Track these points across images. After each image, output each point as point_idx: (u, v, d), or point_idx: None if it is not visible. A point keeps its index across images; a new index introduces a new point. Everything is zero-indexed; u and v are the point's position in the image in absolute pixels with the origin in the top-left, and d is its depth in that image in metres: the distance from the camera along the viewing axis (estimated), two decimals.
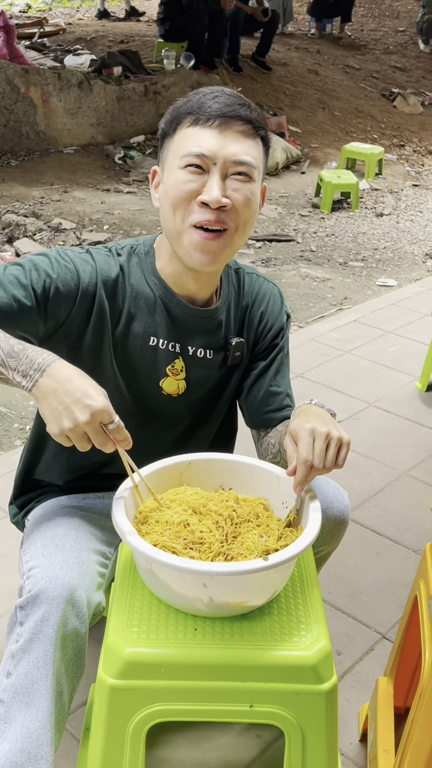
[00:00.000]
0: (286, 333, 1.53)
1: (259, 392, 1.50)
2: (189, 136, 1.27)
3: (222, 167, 1.26)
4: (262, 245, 5.20)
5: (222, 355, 1.46)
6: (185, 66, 7.51)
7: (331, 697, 1.15)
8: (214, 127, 1.26)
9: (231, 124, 1.27)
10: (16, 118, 6.35)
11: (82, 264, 1.34)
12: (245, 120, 1.28)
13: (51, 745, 1.19)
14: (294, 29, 10.97)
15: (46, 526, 1.38)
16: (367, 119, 8.56)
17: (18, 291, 1.25)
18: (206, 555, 1.16)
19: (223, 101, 1.27)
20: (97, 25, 10.25)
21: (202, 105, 1.27)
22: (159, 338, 1.40)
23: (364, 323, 3.94)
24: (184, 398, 1.45)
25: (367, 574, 2.15)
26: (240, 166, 1.27)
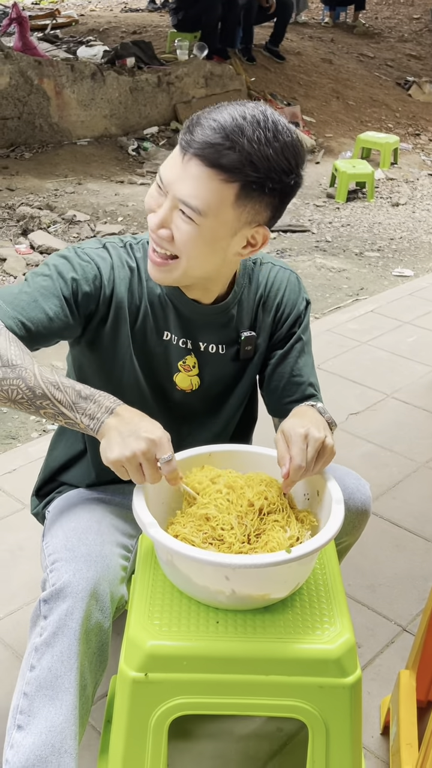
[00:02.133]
0: (304, 321, 1.50)
1: (280, 382, 1.47)
2: (172, 153, 1.23)
3: (171, 200, 1.21)
4: (277, 236, 5.16)
5: (234, 349, 1.44)
6: (198, 56, 7.47)
7: (355, 690, 1.14)
8: (184, 160, 1.18)
9: (199, 162, 1.16)
10: (30, 110, 6.34)
11: (101, 261, 1.34)
12: (219, 167, 1.15)
13: (75, 738, 1.18)
14: (308, 18, 10.88)
15: (68, 518, 1.38)
16: (382, 108, 8.48)
17: (51, 304, 1.26)
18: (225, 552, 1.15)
19: (210, 135, 1.14)
20: (109, 16, 10.21)
21: (191, 127, 1.18)
22: (171, 333, 1.39)
23: (381, 314, 3.90)
24: (199, 393, 1.44)
25: (386, 566, 2.14)
26: (184, 205, 1.20)
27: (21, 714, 1.19)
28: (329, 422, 1.35)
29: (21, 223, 4.85)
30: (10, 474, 2.47)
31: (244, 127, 1.15)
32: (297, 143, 1.20)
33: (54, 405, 1.17)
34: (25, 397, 1.17)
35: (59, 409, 1.18)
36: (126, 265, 1.36)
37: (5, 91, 6.18)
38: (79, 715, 1.20)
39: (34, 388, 1.17)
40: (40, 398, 1.17)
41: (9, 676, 1.74)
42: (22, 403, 1.18)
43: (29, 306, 1.25)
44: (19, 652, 1.79)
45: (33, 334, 1.25)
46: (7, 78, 6.17)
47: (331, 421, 1.36)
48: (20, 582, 2.01)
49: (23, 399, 1.17)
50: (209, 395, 1.46)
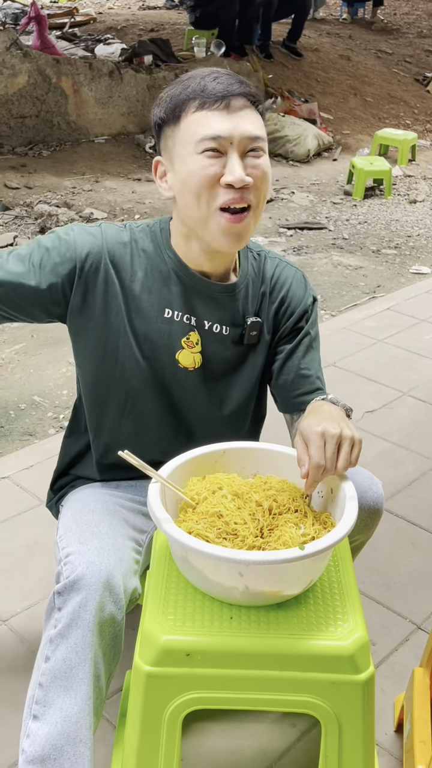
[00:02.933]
0: (311, 316, 1.51)
1: (288, 376, 1.48)
2: (198, 121, 1.27)
3: (239, 146, 1.27)
4: (294, 233, 5.16)
5: (239, 332, 1.45)
6: (216, 53, 7.47)
7: (368, 687, 1.14)
8: (222, 108, 1.27)
9: (236, 102, 1.28)
10: (48, 108, 6.37)
11: (85, 236, 1.37)
12: (248, 96, 1.29)
13: (90, 728, 1.20)
14: (325, 14, 10.84)
15: (81, 512, 1.40)
16: (400, 105, 8.44)
17: (16, 267, 1.34)
18: (239, 547, 1.15)
19: (224, 81, 1.28)
20: (127, 14, 10.23)
21: (204, 88, 1.27)
22: (174, 310, 1.40)
23: (398, 311, 3.89)
24: (201, 373, 1.44)
25: (401, 564, 2.14)
26: (254, 141, 1.28)
27: (36, 704, 1.21)
28: (345, 410, 1.36)
29: (39, 220, 4.88)
30: (28, 470, 2.49)
31: (228, 72, 1.32)
32: None
33: None
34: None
35: None
36: (120, 243, 1.39)
37: (24, 89, 6.22)
38: (93, 705, 1.21)
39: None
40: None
41: (26, 669, 1.75)
42: None
43: (19, 265, 1.34)
44: (36, 647, 1.81)
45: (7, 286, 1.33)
46: (25, 77, 6.20)
47: (347, 407, 1.37)
48: (37, 576, 2.03)
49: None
50: (210, 376, 1.45)
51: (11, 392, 3.04)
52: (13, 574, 2.05)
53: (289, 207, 5.71)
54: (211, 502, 1.22)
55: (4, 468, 2.51)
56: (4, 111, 6.19)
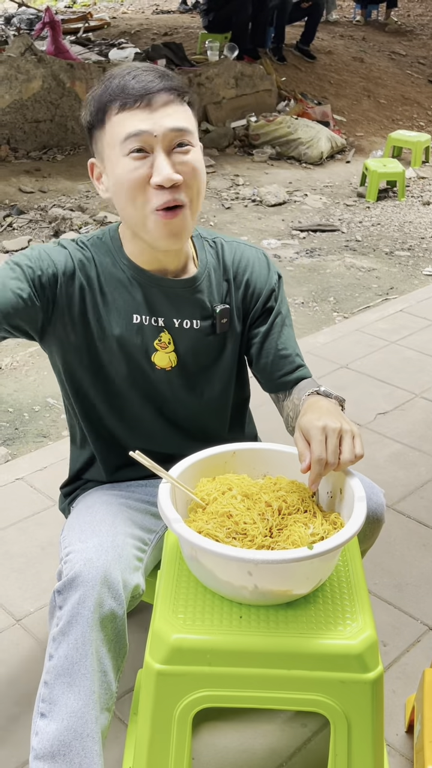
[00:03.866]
0: (279, 294, 1.52)
1: (268, 358, 1.49)
2: (121, 122, 1.27)
3: (163, 142, 1.26)
4: (307, 235, 5.17)
5: (209, 323, 1.45)
6: (229, 57, 7.49)
7: (376, 686, 1.15)
8: (144, 107, 1.26)
9: (158, 98, 1.26)
10: (62, 112, 6.41)
11: (56, 253, 1.38)
12: (169, 90, 1.28)
13: (96, 722, 1.21)
14: (339, 17, 10.84)
15: (86, 513, 1.41)
16: (414, 106, 8.42)
17: (15, 283, 1.31)
18: (248, 547, 1.17)
19: (143, 78, 1.27)
20: (141, 18, 10.28)
21: (124, 88, 1.26)
22: (141, 315, 1.41)
23: (411, 313, 3.89)
24: (178, 371, 1.45)
25: (413, 565, 2.14)
26: (180, 135, 1.27)
27: (43, 702, 1.23)
28: (338, 401, 1.37)
29: (53, 224, 4.92)
30: (41, 471, 2.51)
31: (150, 67, 1.31)
32: None
33: None
34: None
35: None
36: (82, 257, 1.40)
37: (38, 94, 6.26)
38: (100, 700, 1.22)
39: None
40: None
41: (39, 668, 1.77)
42: None
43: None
44: None
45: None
46: (39, 81, 6.25)
47: (339, 399, 1.38)
48: (50, 577, 2.05)
49: None
50: (188, 371, 1.47)
51: (25, 394, 3.07)
52: (26, 574, 2.07)
53: (302, 209, 5.71)
54: (221, 503, 1.24)
55: (18, 469, 2.53)
56: (18, 116, 6.24)
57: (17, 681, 1.74)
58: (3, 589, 2.02)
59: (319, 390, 1.38)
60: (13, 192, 5.52)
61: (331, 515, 1.25)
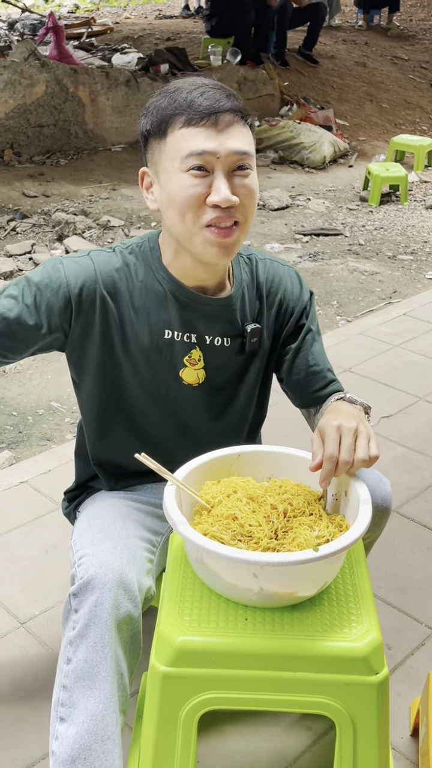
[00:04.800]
0: (310, 311, 1.53)
1: (300, 375, 1.50)
2: (185, 138, 1.24)
3: (225, 164, 1.25)
4: (310, 239, 5.17)
5: (239, 342, 1.45)
6: (232, 61, 7.51)
7: (382, 689, 1.15)
8: (210, 125, 1.24)
9: (224, 118, 1.25)
10: (65, 117, 6.43)
11: (76, 268, 1.35)
12: (236, 111, 1.27)
13: (117, 725, 1.21)
14: (341, 21, 10.87)
15: (95, 516, 1.41)
16: (416, 111, 8.44)
17: (15, 310, 1.32)
18: (254, 549, 1.17)
19: (211, 96, 1.25)
20: (144, 23, 10.31)
21: (191, 103, 1.24)
22: (174, 330, 1.40)
23: (414, 317, 3.89)
24: (205, 386, 1.46)
25: (417, 569, 2.14)
26: (241, 158, 1.26)
27: (62, 706, 1.23)
28: (363, 408, 1.38)
29: (56, 228, 4.93)
30: (45, 474, 2.52)
31: (216, 85, 1.29)
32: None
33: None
34: None
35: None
36: (113, 269, 1.37)
37: (41, 99, 6.29)
38: (119, 702, 1.23)
39: None
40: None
41: (44, 670, 1.78)
42: None
43: (5, 308, 1.32)
44: (54, 649, 1.83)
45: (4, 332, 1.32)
46: (43, 86, 6.27)
47: (365, 406, 1.39)
48: (54, 580, 2.05)
49: None
50: (214, 388, 1.47)
51: (29, 398, 3.07)
52: (30, 577, 2.07)
53: (305, 213, 5.72)
54: (226, 505, 1.24)
55: (23, 472, 2.54)
56: (22, 120, 6.26)
57: (22, 683, 1.74)
58: (7, 591, 2.02)
59: (344, 396, 1.39)
60: (16, 196, 5.53)
61: (336, 518, 1.25)
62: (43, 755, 1.57)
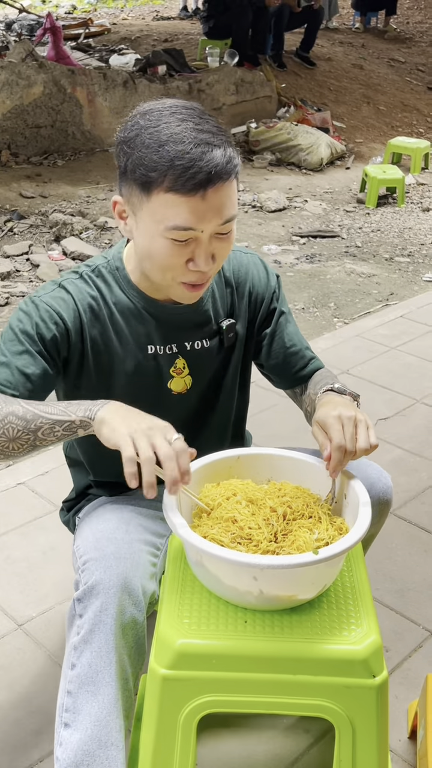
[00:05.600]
0: (280, 294, 1.54)
1: (278, 358, 1.53)
2: (169, 205, 1.18)
3: (210, 233, 1.23)
4: (307, 241, 5.18)
5: (217, 339, 1.47)
6: (229, 63, 7.52)
7: (381, 691, 1.15)
8: (197, 199, 1.18)
9: (212, 192, 1.18)
10: (63, 118, 6.43)
11: (61, 303, 1.34)
12: (225, 176, 1.19)
13: (120, 731, 1.21)
14: (338, 24, 10.88)
15: (97, 521, 1.41)
16: (413, 113, 8.46)
17: (30, 366, 1.30)
18: (253, 552, 1.17)
19: (201, 158, 1.15)
20: (141, 25, 10.31)
21: (181, 171, 1.15)
22: (156, 345, 1.41)
23: (411, 319, 3.90)
24: (192, 392, 1.48)
25: (415, 571, 2.14)
26: (227, 225, 1.23)
27: (66, 712, 1.22)
28: (353, 397, 1.40)
29: (54, 229, 4.93)
30: (43, 476, 2.51)
31: (198, 123, 1.19)
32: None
33: (47, 418, 1.21)
34: (21, 428, 1.21)
35: (53, 419, 1.21)
36: (88, 296, 1.37)
37: (39, 99, 6.28)
38: (123, 708, 1.22)
39: (25, 415, 1.21)
40: (33, 420, 1.21)
41: (42, 673, 1.77)
42: (20, 437, 1.21)
43: (7, 376, 1.28)
44: (52, 651, 1.83)
45: (23, 396, 1.29)
46: (40, 87, 6.27)
47: (354, 395, 1.41)
48: (52, 582, 2.05)
49: (19, 431, 1.21)
50: (202, 389, 1.49)
51: None
52: (28, 579, 2.07)
53: (301, 215, 5.73)
54: (226, 508, 1.24)
55: (20, 474, 2.53)
56: (19, 121, 6.25)
57: (19, 686, 1.74)
58: (4, 593, 2.01)
59: (333, 387, 1.41)
60: (14, 197, 5.53)
61: (336, 520, 1.25)
62: (40, 758, 1.57)
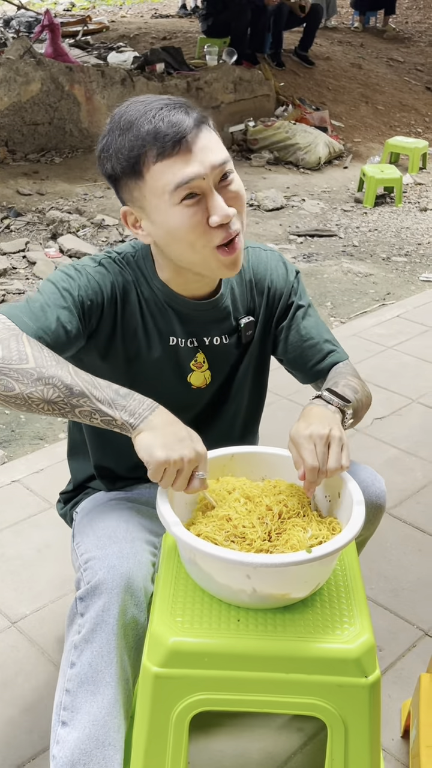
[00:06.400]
0: (299, 289, 1.53)
1: (296, 351, 1.51)
2: (164, 172, 1.21)
3: (212, 181, 1.23)
4: (304, 240, 5.18)
5: (236, 336, 1.48)
6: (228, 62, 7.51)
7: (374, 690, 1.15)
8: (183, 151, 1.21)
9: (193, 138, 1.22)
10: (60, 115, 6.42)
11: (102, 278, 1.35)
12: (199, 123, 1.24)
13: (119, 731, 1.21)
14: (337, 23, 10.88)
15: (98, 518, 1.41)
16: (411, 113, 8.46)
17: (63, 316, 1.27)
18: (246, 550, 1.17)
19: (170, 119, 1.21)
20: (140, 22, 10.30)
21: (156, 135, 1.20)
22: (177, 337, 1.42)
23: (408, 319, 3.90)
24: (212, 387, 1.48)
25: (409, 570, 2.14)
26: (223, 166, 1.24)
27: (64, 710, 1.22)
28: (339, 408, 1.34)
29: (51, 227, 4.92)
30: (38, 474, 2.51)
31: (170, 101, 1.25)
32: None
33: (91, 402, 1.17)
34: (62, 396, 1.16)
35: (97, 406, 1.17)
36: (123, 278, 1.38)
37: (36, 97, 6.27)
38: (123, 708, 1.22)
39: (72, 386, 1.16)
40: (77, 396, 1.16)
41: (36, 670, 1.77)
42: (56, 402, 1.16)
43: (44, 318, 1.26)
44: (45, 649, 1.83)
45: (51, 346, 1.25)
46: (38, 84, 6.26)
47: (341, 405, 1.35)
48: (46, 579, 2.05)
49: (59, 398, 1.16)
50: (219, 385, 1.49)
51: None
52: (22, 577, 2.06)
53: (299, 214, 5.73)
54: (222, 505, 1.24)
55: (15, 471, 2.53)
56: (17, 118, 6.24)
57: (13, 684, 1.74)
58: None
59: (322, 395, 1.36)
60: (10, 194, 5.52)
61: (329, 519, 1.25)
62: (33, 755, 1.57)
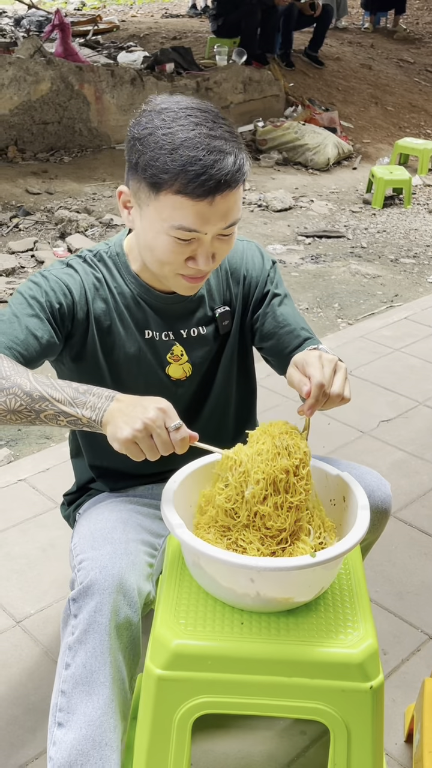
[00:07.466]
0: (275, 278, 1.53)
1: (272, 338, 1.50)
2: (176, 207, 1.21)
3: (213, 235, 1.25)
4: (312, 241, 5.17)
5: (213, 326, 1.48)
6: (237, 62, 7.51)
7: (377, 695, 1.15)
8: (207, 203, 1.20)
9: (222, 197, 1.21)
10: (70, 115, 6.43)
11: (70, 281, 1.37)
12: (236, 181, 1.21)
13: (115, 731, 1.21)
14: (348, 23, 10.86)
15: (96, 519, 1.41)
16: (421, 114, 8.43)
17: (36, 327, 1.29)
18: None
19: (212, 164, 1.17)
20: (150, 22, 10.31)
21: (192, 176, 1.17)
22: (153, 330, 1.43)
23: (415, 321, 3.89)
24: (193, 379, 1.49)
25: (414, 574, 2.13)
26: (231, 227, 1.26)
27: (60, 712, 1.22)
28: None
29: (59, 226, 4.93)
30: (44, 473, 2.52)
31: (212, 128, 1.20)
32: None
33: (53, 405, 1.17)
34: (24, 403, 1.17)
35: (59, 408, 1.17)
36: (93, 277, 1.40)
37: (46, 96, 6.28)
38: (119, 709, 1.22)
39: (31, 392, 1.17)
40: (38, 401, 1.17)
41: (39, 670, 1.78)
42: (20, 411, 1.18)
43: (12, 330, 1.28)
44: (49, 648, 1.83)
45: (27, 359, 1.28)
46: (48, 83, 6.27)
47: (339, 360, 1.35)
48: (51, 579, 2.05)
49: (22, 406, 1.17)
50: (200, 377, 1.50)
51: None
52: (27, 576, 2.07)
53: (307, 215, 5.72)
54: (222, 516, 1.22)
55: (21, 470, 2.54)
56: (26, 117, 6.25)
57: (17, 683, 1.74)
58: (3, 590, 2.02)
59: (318, 347, 1.37)
60: (19, 193, 5.53)
61: (334, 524, 1.25)
62: (36, 755, 1.57)
